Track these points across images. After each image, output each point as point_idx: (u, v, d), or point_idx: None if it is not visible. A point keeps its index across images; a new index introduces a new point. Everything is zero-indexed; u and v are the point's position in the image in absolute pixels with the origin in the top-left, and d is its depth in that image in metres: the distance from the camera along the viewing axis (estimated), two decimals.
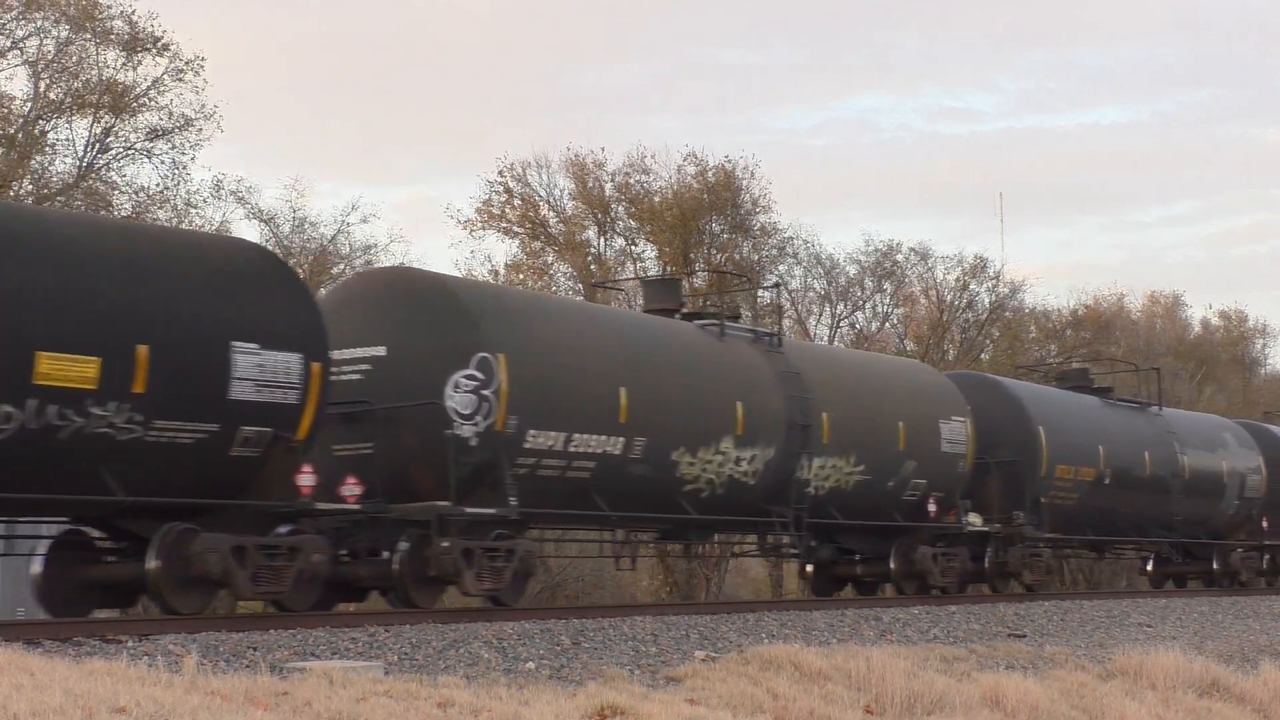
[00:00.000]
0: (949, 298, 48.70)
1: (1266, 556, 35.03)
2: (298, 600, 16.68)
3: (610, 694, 12.35)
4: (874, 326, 48.19)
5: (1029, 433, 27.40)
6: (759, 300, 39.11)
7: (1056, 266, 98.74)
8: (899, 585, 25.14)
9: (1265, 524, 34.77)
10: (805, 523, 22.77)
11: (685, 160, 42.69)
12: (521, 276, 42.35)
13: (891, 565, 25.01)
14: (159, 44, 32.63)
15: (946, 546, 25.58)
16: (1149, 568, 34.66)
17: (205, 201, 34.49)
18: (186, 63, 32.90)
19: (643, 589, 36.91)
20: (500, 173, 42.84)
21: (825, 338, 46.44)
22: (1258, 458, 35.12)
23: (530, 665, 14.36)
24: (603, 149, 55.11)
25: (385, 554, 17.88)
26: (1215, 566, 33.79)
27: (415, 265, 29.37)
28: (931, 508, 25.14)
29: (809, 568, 26.04)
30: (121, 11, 32.47)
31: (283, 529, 16.41)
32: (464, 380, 18.07)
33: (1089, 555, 34.67)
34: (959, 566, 25.69)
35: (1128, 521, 30.91)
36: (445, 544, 17.57)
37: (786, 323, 46.50)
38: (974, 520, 24.93)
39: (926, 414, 25.41)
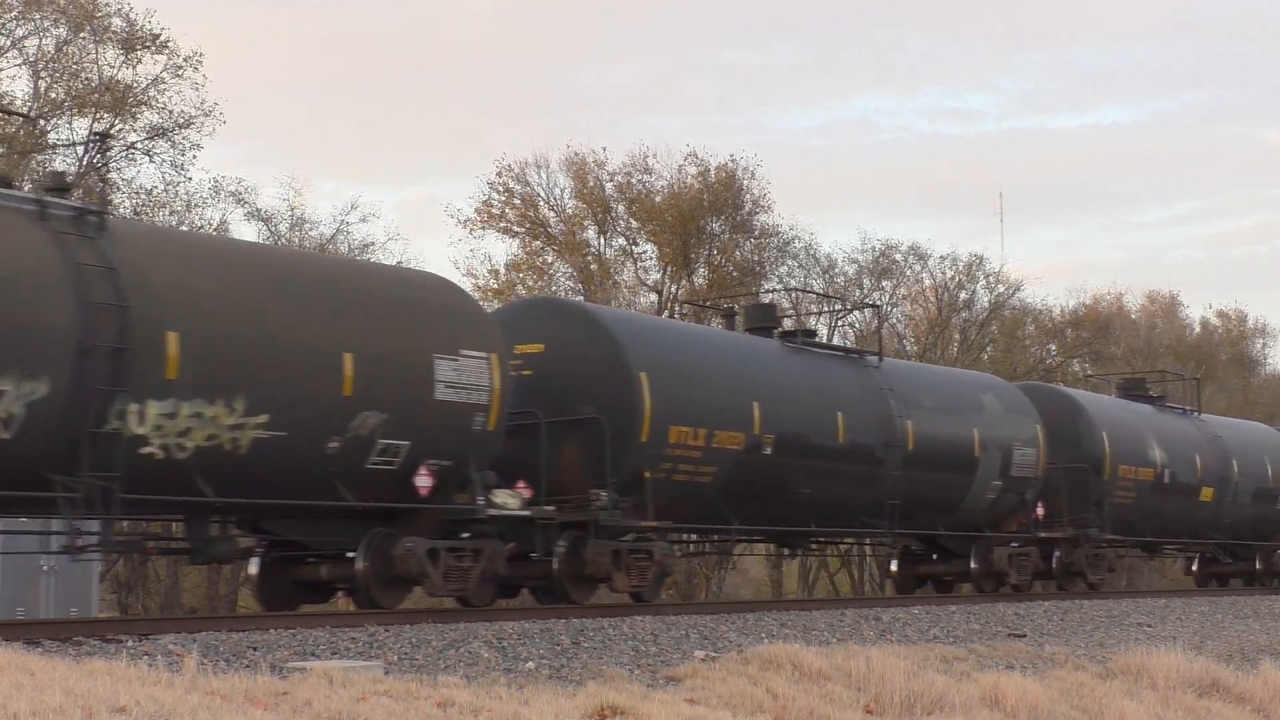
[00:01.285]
0: (947, 297, 48.74)
1: None
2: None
3: (610, 694, 12.35)
4: (873, 326, 48.17)
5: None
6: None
7: (1057, 267, 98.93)
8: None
9: None
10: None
11: (686, 160, 42.75)
12: (521, 276, 42.37)
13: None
14: (157, 41, 32.66)
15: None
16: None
17: (204, 201, 34.54)
18: (185, 59, 32.94)
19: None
20: (499, 172, 42.90)
21: (825, 337, 46.39)
22: None
23: (530, 665, 14.36)
24: (604, 149, 55.21)
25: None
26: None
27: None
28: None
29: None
30: (120, 10, 32.52)
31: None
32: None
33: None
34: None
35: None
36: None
37: (787, 323, 46.52)
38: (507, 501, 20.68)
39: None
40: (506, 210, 42.94)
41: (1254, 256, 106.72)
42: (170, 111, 33.20)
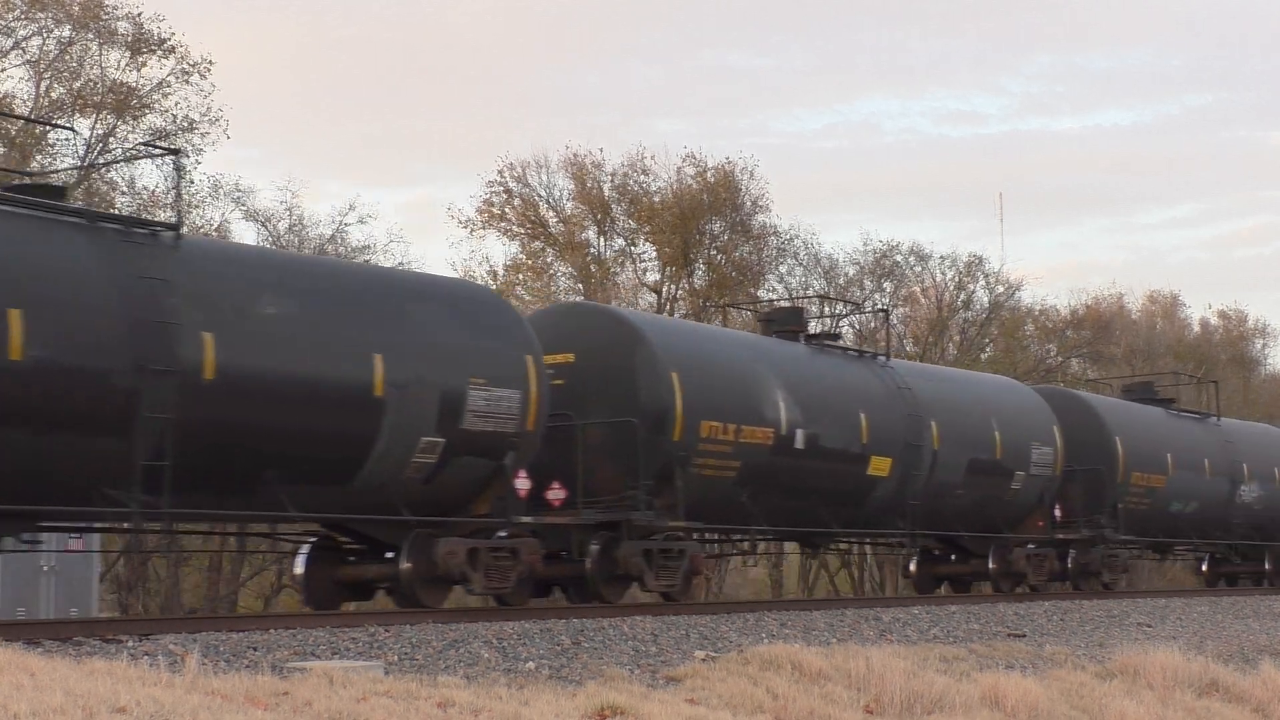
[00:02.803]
0: (947, 297, 48.75)
1: None
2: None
3: (610, 694, 12.36)
4: (873, 326, 48.17)
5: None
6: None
7: (1060, 268, 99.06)
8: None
9: None
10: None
11: (684, 161, 42.75)
12: (521, 276, 42.37)
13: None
14: (164, 45, 32.65)
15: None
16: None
17: (204, 202, 34.55)
18: (193, 65, 32.94)
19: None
20: (500, 173, 42.91)
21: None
22: None
23: (530, 665, 14.36)
24: (600, 149, 55.18)
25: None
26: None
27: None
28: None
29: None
30: (127, 13, 32.51)
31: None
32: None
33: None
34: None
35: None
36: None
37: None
38: None
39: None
40: (506, 211, 42.97)
41: (1256, 258, 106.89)
42: (174, 116, 33.21)
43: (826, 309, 37.87)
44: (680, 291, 42.80)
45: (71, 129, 30.70)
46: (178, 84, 33.04)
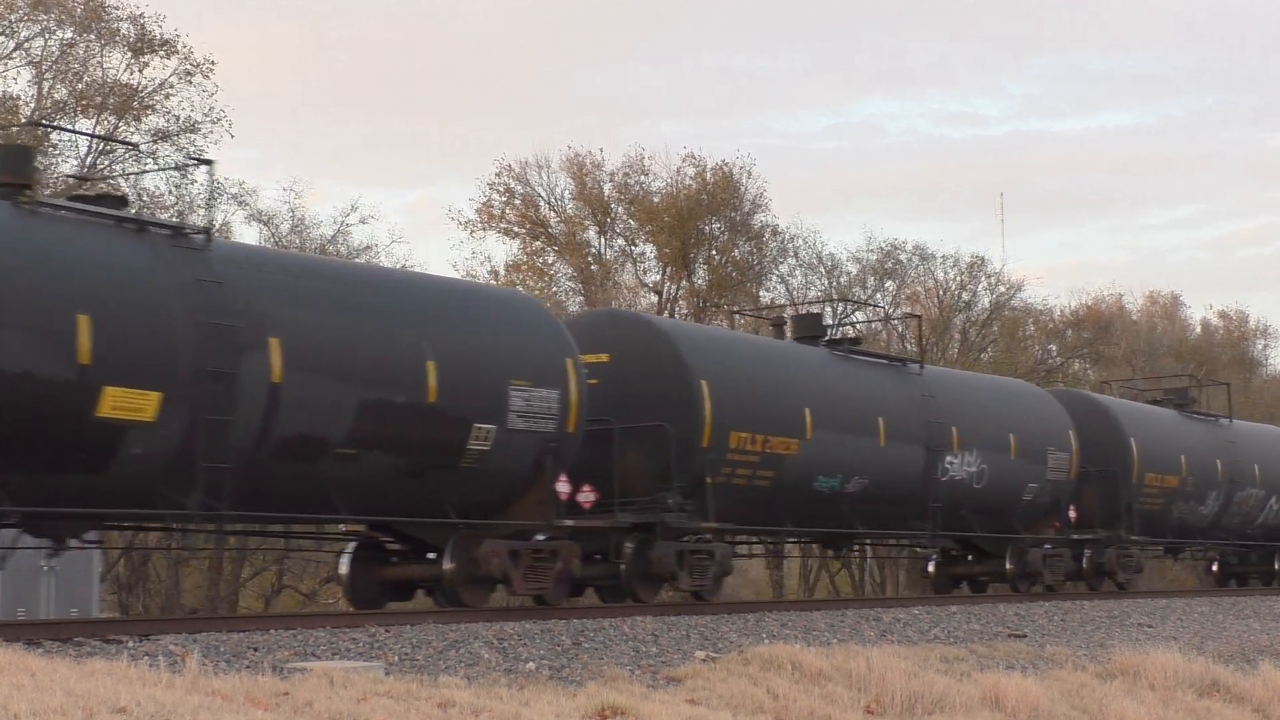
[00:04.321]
0: (948, 298, 48.75)
1: None
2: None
3: (610, 694, 12.35)
4: (875, 326, 48.17)
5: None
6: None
7: (1062, 269, 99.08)
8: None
9: None
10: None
11: (684, 161, 42.77)
12: (522, 276, 42.36)
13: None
14: (166, 46, 32.64)
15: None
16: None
17: (205, 203, 34.49)
18: (195, 65, 32.92)
19: None
20: (499, 174, 42.92)
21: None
22: None
23: (530, 665, 14.36)
24: (600, 149, 55.19)
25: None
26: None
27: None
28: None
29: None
30: (130, 14, 32.49)
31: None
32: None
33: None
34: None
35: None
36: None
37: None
38: None
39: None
40: (507, 211, 42.97)
41: (1257, 258, 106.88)
42: (177, 117, 33.20)
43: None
44: (681, 291, 42.81)
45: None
46: (180, 84, 33.04)
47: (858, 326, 36.87)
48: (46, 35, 32.18)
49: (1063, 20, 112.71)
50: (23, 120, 30.80)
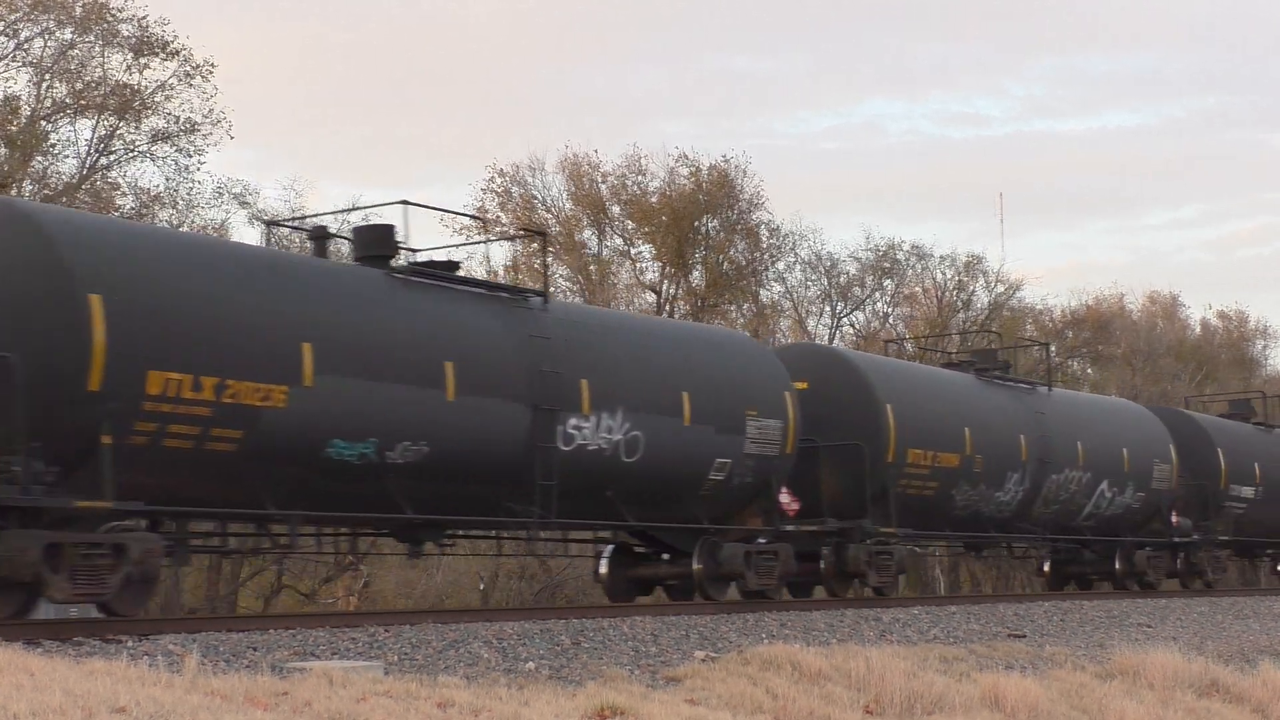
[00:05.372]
0: (946, 297, 48.77)
1: None
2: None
3: (610, 694, 12.35)
4: (874, 325, 48.24)
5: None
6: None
7: (1063, 269, 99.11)
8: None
9: None
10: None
11: (678, 161, 42.73)
12: (520, 278, 42.32)
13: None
14: (168, 49, 32.62)
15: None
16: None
17: (207, 203, 34.52)
18: (195, 67, 32.90)
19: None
20: (491, 178, 42.91)
21: (825, 337, 46.45)
22: None
23: (530, 665, 14.35)
24: (596, 150, 55.13)
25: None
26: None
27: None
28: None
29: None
30: (132, 16, 32.46)
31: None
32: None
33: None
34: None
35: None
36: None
37: (786, 323, 46.61)
38: None
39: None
40: (501, 215, 42.89)
41: (1257, 259, 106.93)
42: (177, 118, 33.17)
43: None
44: (679, 291, 42.80)
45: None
46: (180, 86, 33.02)
47: (856, 328, 36.82)
48: (46, 36, 32.17)
49: (1064, 21, 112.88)
50: (23, 121, 30.81)
